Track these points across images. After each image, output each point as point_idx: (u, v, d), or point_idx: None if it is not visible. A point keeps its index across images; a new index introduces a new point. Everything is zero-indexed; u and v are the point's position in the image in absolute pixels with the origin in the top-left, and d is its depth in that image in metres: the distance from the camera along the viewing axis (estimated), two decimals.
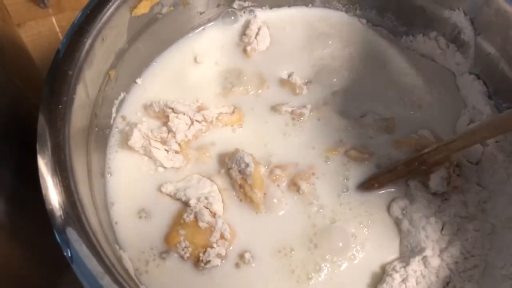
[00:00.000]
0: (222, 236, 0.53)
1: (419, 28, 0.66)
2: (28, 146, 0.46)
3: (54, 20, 0.79)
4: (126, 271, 0.47)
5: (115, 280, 0.42)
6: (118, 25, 0.55)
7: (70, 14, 0.79)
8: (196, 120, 0.59)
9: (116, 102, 0.59)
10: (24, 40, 0.65)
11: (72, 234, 0.42)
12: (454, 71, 0.65)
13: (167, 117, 0.59)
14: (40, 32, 0.77)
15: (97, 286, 0.41)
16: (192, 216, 0.54)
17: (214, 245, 0.53)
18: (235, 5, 0.67)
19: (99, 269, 0.41)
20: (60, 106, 0.47)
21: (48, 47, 0.75)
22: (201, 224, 0.53)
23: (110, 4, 0.53)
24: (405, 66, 0.66)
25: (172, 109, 0.59)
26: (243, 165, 0.55)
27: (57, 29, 0.78)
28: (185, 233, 0.53)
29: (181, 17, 0.63)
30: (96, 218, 0.48)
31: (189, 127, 0.58)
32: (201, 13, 0.65)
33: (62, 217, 0.43)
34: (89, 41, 0.51)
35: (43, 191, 0.43)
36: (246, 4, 0.68)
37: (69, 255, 0.42)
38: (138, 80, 0.63)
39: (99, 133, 0.55)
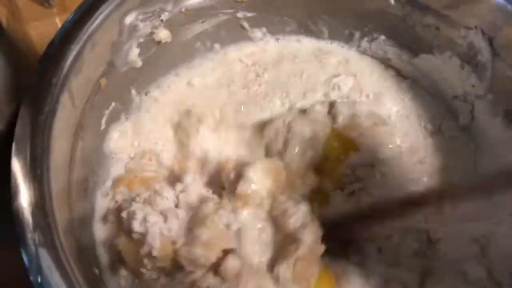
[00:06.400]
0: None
1: (432, 48, 0.62)
2: None
3: (57, 20, 0.76)
4: None
5: None
6: (110, 31, 0.51)
7: None
8: None
9: (107, 112, 0.56)
10: None
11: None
12: (470, 92, 0.61)
13: None
14: (43, 32, 0.74)
15: None
16: None
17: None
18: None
19: None
20: (41, 117, 0.44)
21: None
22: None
23: (102, 8, 0.49)
24: None
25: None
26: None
27: None
28: None
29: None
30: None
31: None
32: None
33: (36, 240, 0.39)
34: (77, 48, 0.47)
35: (14, 207, 0.40)
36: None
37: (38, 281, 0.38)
38: (133, 90, 0.59)
39: (86, 146, 0.52)
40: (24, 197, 0.41)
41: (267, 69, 0.65)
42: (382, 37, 0.65)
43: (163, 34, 0.58)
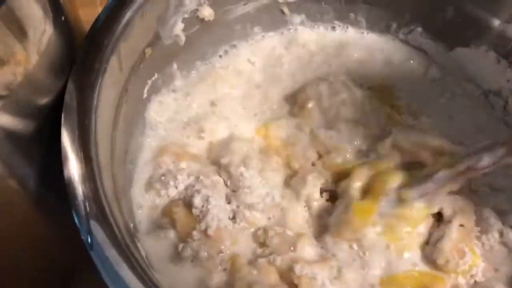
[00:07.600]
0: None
1: (469, 41, 0.63)
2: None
3: (100, 10, 0.79)
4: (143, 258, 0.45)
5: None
6: (159, 3, 0.54)
7: None
8: None
9: (149, 81, 0.59)
10: None
11: (94, 223, 0.40)
12: (505, 87, 0.61)
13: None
14: (87, 21, 0.78)
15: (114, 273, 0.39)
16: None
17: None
18: None
19: (117, 256, 0.39)
20: (92, 74, 0.46)
21: None
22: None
23: None
24: None
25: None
26: None
27: None
28: None
29: None
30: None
31: None
32: None
33: (87, 207, 0.41)
34: (128, 14, 0.50)
35: (64, 168, 0.42)
36: None
37: (89, 242, 0.40)
38: (174, 64, 0.62)
39: (129, 112, 0.54)
40: (73, 165, 0.42)
41: None
42: (419, 29, 0.66)
43: (207, 12, 0.61)
